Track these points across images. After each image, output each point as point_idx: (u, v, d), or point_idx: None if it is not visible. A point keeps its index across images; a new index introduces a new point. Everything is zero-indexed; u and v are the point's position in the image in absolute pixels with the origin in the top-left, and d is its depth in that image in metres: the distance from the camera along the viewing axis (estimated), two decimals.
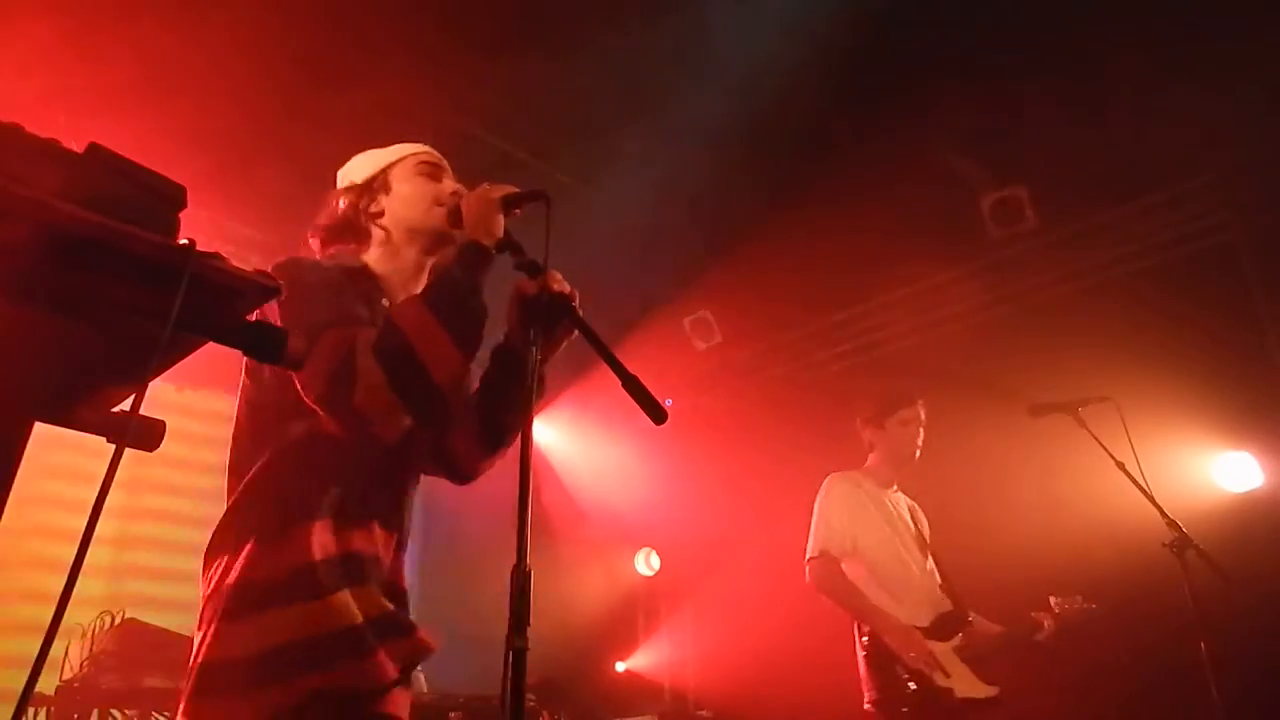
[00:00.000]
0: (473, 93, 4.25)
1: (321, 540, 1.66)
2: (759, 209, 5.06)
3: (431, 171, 2.02)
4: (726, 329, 6.31)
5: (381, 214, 1.99)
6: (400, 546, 1.85)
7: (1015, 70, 4.18)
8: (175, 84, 3.90)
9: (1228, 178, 4.75)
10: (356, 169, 2.07)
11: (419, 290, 1.98)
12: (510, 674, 1.33)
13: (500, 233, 1.84)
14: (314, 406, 1.67)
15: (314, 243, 2.04)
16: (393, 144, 2.11)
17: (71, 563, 0.81)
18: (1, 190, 0.78)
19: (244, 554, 1.64)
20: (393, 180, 2.01)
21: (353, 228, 1.99)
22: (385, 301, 1.92)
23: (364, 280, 1.91)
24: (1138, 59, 4.09)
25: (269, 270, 1.78)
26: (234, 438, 1.82)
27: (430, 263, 2.02)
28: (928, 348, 5.74)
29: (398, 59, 4.00)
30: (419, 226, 1.97)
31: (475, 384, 2.03)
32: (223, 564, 1.67)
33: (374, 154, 2.09)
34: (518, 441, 1.57)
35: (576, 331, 1.80)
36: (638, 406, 1.65)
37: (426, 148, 2.09)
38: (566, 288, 1.81)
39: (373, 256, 1.98)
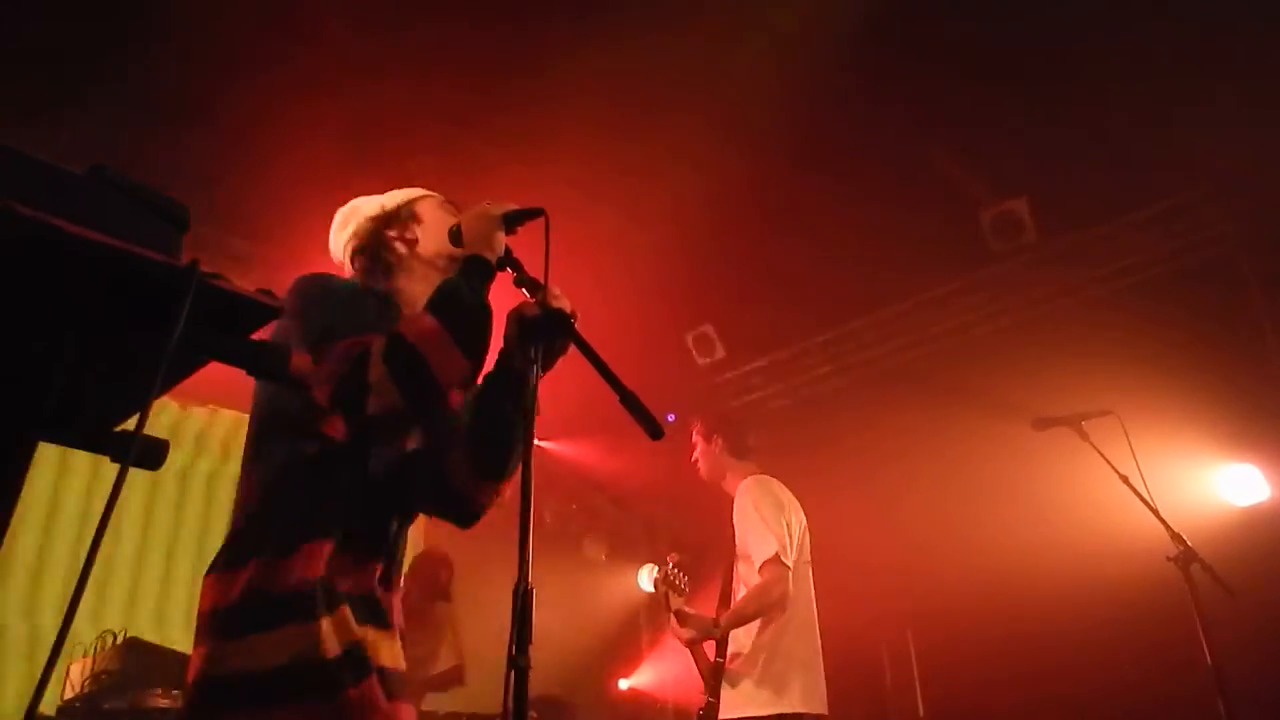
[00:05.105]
0: None
1: (319, 564, 1.65)
2: (760, 225, 5.07)
3: (453, 211, 2.04)
4: (728, 344, 6.30)
5: (416, 241, 2.00)
6: (389, 578, 1.80)
7: (1015, 83, 4.20)
8: None
9: (1228, 189, 4.75)
10: (381, 199, 2.07)
11: None
12: (513, 692, 1.33)
13: (501, 250, 1.84)
14: (325, 407, 1.64)
15: (347, 267, 2.04)
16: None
17: (76, 582, 0.81)
18: (4, 210, 0.79)
19: (244, 573, 1.64)
20: (421, 212, 2.03)
21: (382, 253, 1.99)
22: None
23: (386, 303, 1.92)
24: (1136, 71, 4.10)
25: (296, 283, 1.79)
26: (244, 453, 1.79)
27: None
28: (929, 361, 5.74)
29: None
30: (451, 254, 1.94)
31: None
32: (224, 580, 1.66)
33: (391, 193, 2.09)
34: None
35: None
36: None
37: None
38: (565, 304, 1.81)
39: (399, 282, 1.97)
